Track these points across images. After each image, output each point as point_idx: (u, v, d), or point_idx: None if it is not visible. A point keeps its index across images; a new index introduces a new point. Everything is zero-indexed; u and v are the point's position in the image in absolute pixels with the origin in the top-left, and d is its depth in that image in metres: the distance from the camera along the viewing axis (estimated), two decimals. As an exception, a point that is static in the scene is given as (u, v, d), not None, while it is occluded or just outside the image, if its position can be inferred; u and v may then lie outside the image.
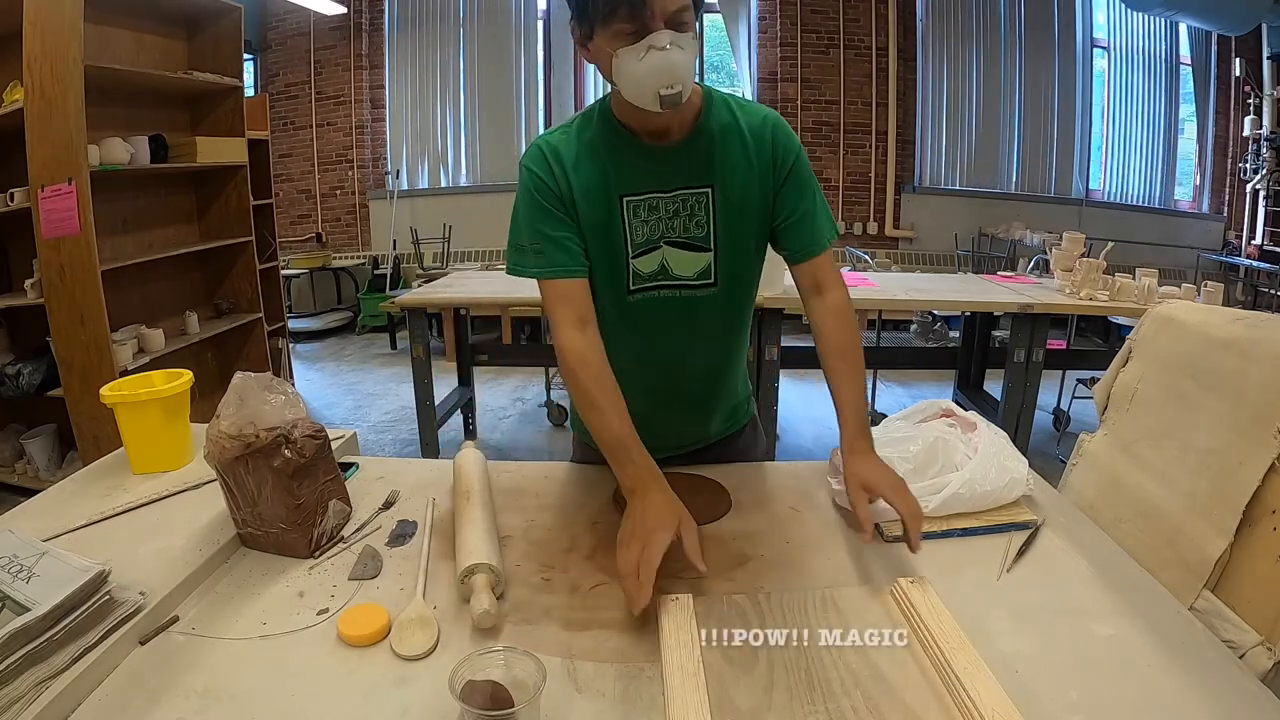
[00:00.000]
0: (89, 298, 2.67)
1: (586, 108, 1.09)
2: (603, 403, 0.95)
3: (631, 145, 1.03)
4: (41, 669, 0.68)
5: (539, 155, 1.03)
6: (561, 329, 1.00)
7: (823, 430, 3.73)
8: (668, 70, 0.89)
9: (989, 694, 0.66)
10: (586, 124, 1.05)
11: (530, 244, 1.03)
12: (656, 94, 0.91)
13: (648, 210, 1.04)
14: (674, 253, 1.07)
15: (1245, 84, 6.04)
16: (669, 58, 0.89)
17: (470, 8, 6.41)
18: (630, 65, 0.90)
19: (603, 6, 0.88)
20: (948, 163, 6.48)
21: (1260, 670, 0.79)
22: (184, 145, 3.22)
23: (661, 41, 0.88)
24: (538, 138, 1.06)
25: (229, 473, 0.92)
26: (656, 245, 1.06)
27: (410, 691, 0.71)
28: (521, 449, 3.69)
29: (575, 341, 0.99)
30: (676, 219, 1.05)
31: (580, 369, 0.97)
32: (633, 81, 0.91)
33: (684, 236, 1.06)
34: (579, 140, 1.04)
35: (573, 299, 1.02)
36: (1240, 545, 0.90)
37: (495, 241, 6.43)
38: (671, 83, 0.90)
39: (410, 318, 3.05)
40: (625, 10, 0.87)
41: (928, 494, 1.02)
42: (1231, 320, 1.04)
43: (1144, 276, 2.95)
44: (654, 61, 0.89)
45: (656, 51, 0.88)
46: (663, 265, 1.07)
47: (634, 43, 0.89)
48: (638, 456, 0.92)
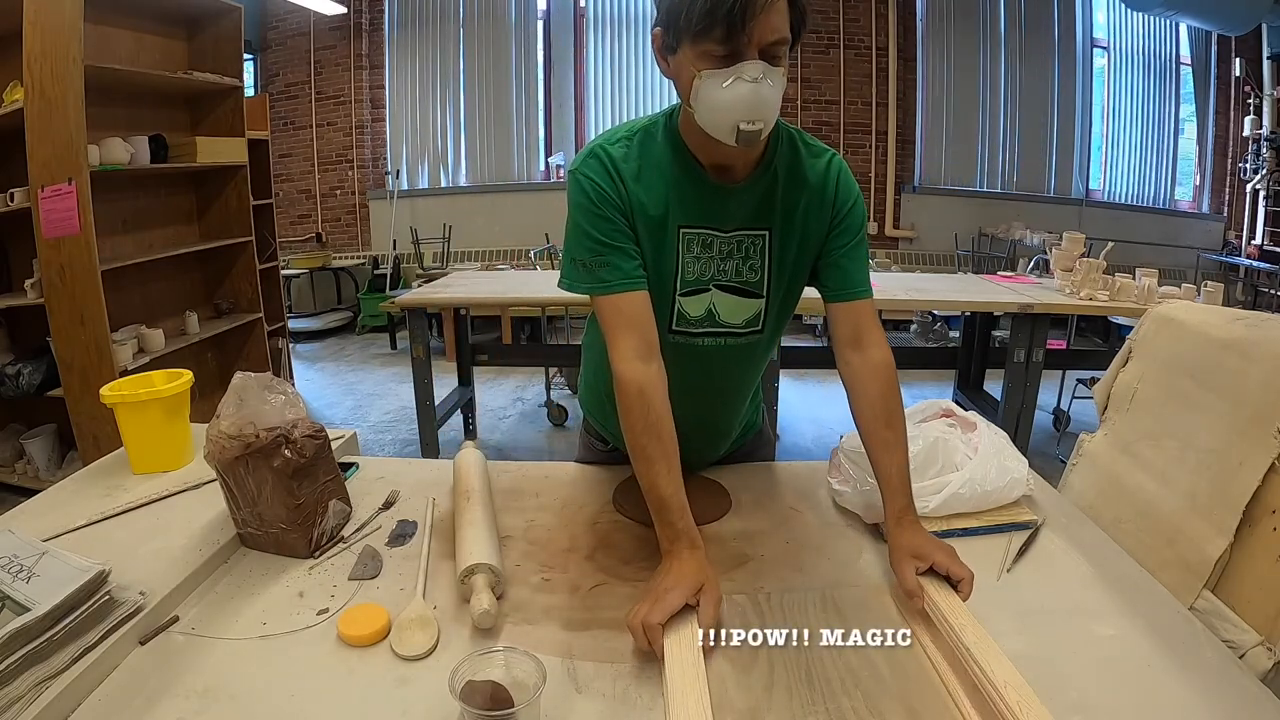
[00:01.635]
0: (89, 298, 2.67)
1: (647, 120, 1.00)
2: (654, 454, 0.88)
3: (694, 175, 0.96)
4: (41, 669, 0.68)
5: (598, 164, 0.95)
6: (624, 357, 0.91)
7: (823, 430, 3.73)
8: (754, 105, 0.83)
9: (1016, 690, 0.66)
10: (649, 140, 0.97)
11: (591, 258, 0.94)
12: (736, 127, 0.84)
13: (701, 246, 0.98)
14: (723, 298, 1.02)
15: (1245, 84, 6.04)
16: (757, 91, 0.82)
17: (470, 8, 6.41)
18: (713, 91, 0.84)
19: (696, 22, 0.81)
20: (948, 163, 6.48)
21: (1260, 670, 0.79)
22: (184, 145, 3.22)
23: (752, 73, 0.82)
24: (594, 145, 0.97)
25: (229, 473, 0.92)
26: (705, 288, 1.01)
27: (410, 691, 0.71)
28: (521, 449, 3.69)
29: (637, 372, 0.90)
30: (729, 260, 1.00)
31: (638, 407, 0.89)
32: (713, 109, 0.85)
33: (735, 280, 1.01)
34: (641, 156, 0.96)
35: (637, 320, 0.93)
36: (1240, 545, 0.90)
37: (495, 241, 6.45)
38: (754, 118, 0.84)
39: (410, 318, 3.05)
40: (721, 31, 0.80)
41: (928, 494, 1.02)
42: (1231, 320, 1.04)
43: (1144, 276, 2.95)
44: (740, 92, 0.82)
45: (745, 82, 0.82)
46: (710, 310, 1.02)
47: (722, 67, 0.83)
48: (678, 520, 0.86)
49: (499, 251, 6.43)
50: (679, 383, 0.96)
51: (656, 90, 6.33)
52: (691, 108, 0.88)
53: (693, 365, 1.05)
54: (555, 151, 6.54)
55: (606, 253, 0.94)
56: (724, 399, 1.14)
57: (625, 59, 6.41)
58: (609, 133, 0.99)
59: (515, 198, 6.52)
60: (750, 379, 1.15)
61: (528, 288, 3.33)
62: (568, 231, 0.98)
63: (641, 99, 6.41)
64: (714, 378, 1.08)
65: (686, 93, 0.88)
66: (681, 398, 0.97)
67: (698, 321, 1.02)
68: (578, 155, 0.98)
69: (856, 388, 0.99)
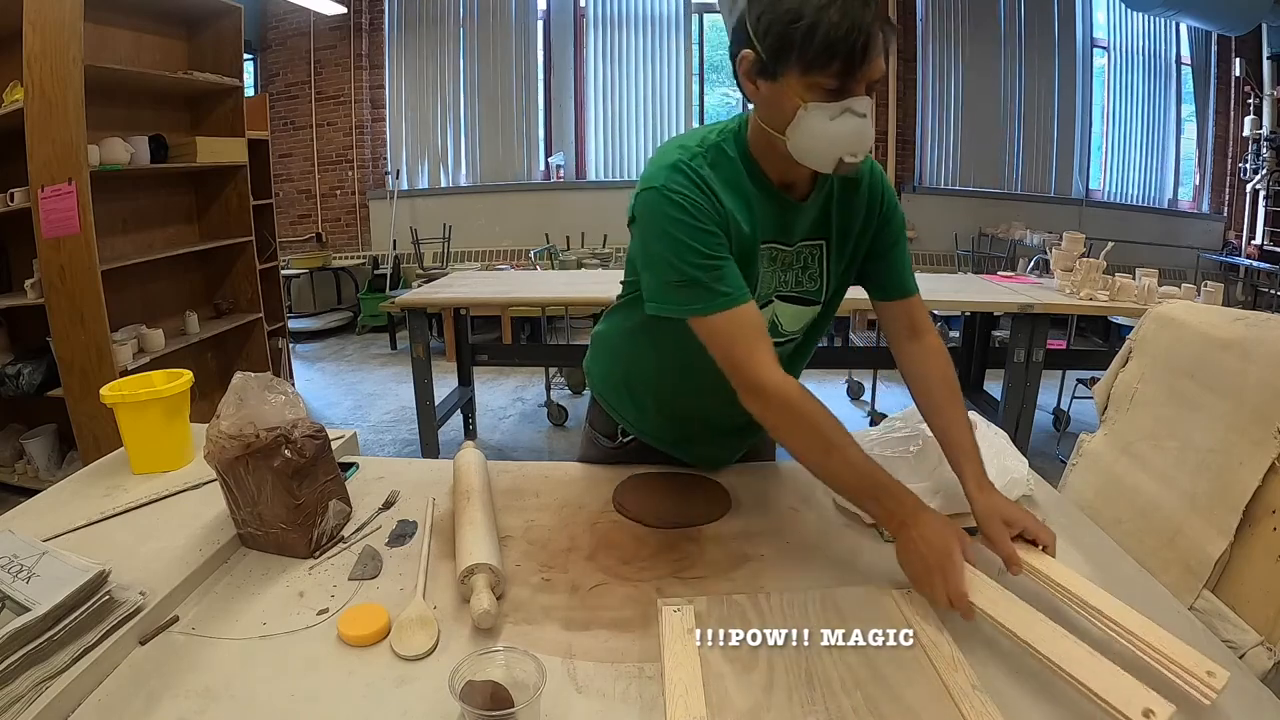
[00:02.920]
0: (89, 298, 2.67)
1: (711, 134, 0.97)
2: (841, 440, 0.86)
3: (769, 192, 0.97)
4: (41, 669, 0.68)
5: (686, 179, 0.91)
6: (764, 365, 0.88)
7: (823, 430, 3.72)
8: (861, 139, 0.85)
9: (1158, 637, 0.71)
10: (721, 158, 0.95)
11: (703, 274, 0.89)
12: (839, 159, 0.85)
13: (768, 260, 0.99)
14: (784, 308, 1.03)
15: (1245, 84, 6.04)
16: (864, 126, 0.84)
17: (470, 8, 6.41)
18: (820, 123, 0.84)
19: (814, 53, 0.80)
20: (948, 163, 6.48)
21: (1260, 670, 0.79)
22: (184, 145, 3.22)
23: (862, 108, 0.83)
24: (672, 159, 0.92)
25: (229, 473, 0.92)
26: (769, 300, 1.02)
27: (410, 691, 0.71)
28: (521, 449, 3.69)
29: (787, 380, 0.88)
30: (789, 271, 1.01)
31: (810, 406, 0.87)
32: (817, 139, 0.85)
33: (796, 290, 1.03)
34: (718, 172, 0.94)
35: (760, 328, 0.91)
36: (1240, 545, 0.90)
37: (495, 241, 6.45)
38: (859, 151, 0.86)
39: (410, 318, 3.05)
40: (839, 65, 0.80)
41: (928, 494, 1.02)
42: (1231, 320, 1.04)
43: (1144, 276, 2.95)
44: (850, 126, 0.83)
45: (854, 117, 0.83)
46: (774, 322, 1.03)
47: (830, 100, 0.83)
48: (894, 488, 0.85)
49: (499, 251, 6.43)
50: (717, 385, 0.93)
51: (657, 90, 6.34)
52: (783, 135, 0.88)
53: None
54: (555, 151, 6.54)
55: (720, 265, 0.90)
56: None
57: (625, 59, 6.41)
58: (679, 146, 0.95)
59: (515, 198, 6.52)
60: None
61: (528, 288, 3.33)
62: (658, 251, 0.92)
63: (641, 99, 6.41)
64: None
65: (784, 120, 0.87)
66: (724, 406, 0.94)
67: None
68: (654, 172, 0.92)
69: (920, 370, 1.03)
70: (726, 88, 6.83)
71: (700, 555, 0.96)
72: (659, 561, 0.95)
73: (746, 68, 0.88)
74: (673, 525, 1.03)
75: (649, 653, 0.76)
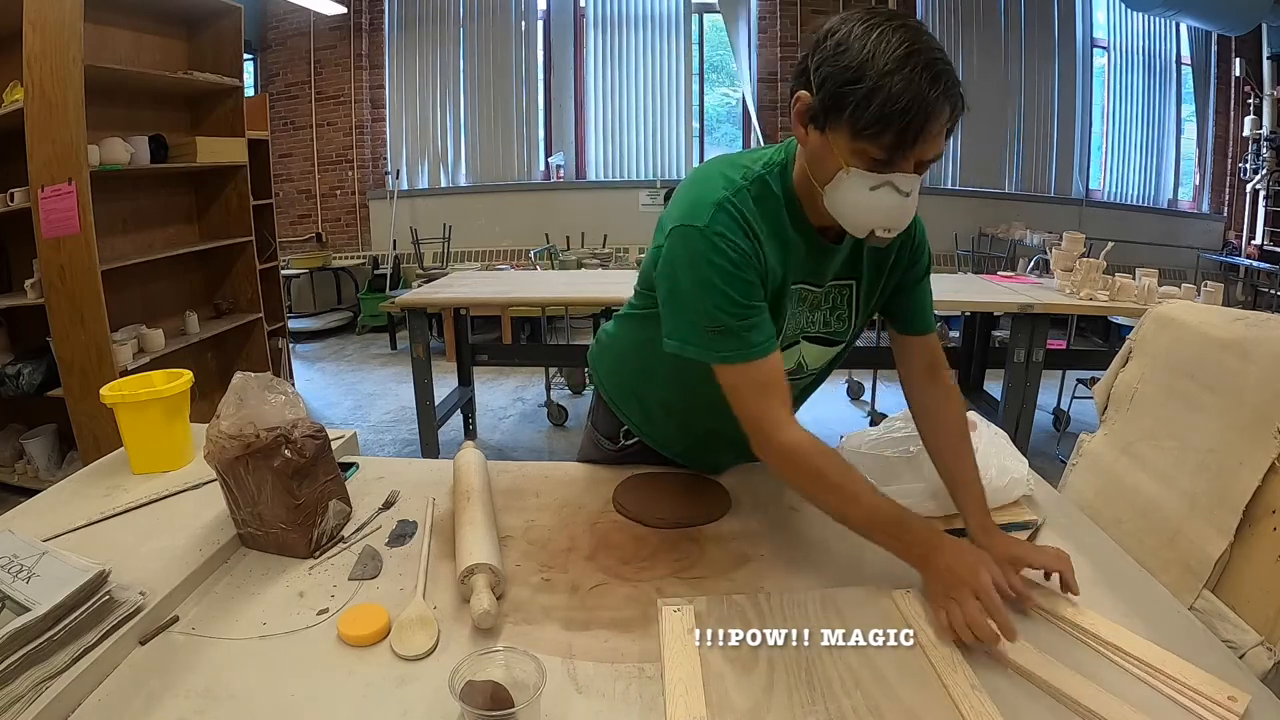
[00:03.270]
0: (89, 298, 2.67)
1: (756, 163, 0.94)
2: (858, 489, 0.85)
3: (807, 235, 0.94)
4: (41, 669, 0.68)
5: (732, 222, 0.87)
6: (785, 424, 0.88)
7: (823, 430, 3.66)
8: (899, 217, 0.83)
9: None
10: (765, 193, 0.92)
11: (735, 322, 0.87)
12: (870, 229, 0.83)
13: (798, 300, 0.98)
14: (810, 349, 1.03)
15: (1245, 84, 6.04)
16: (905, 205, 0.81)
17: (470, 8, 6.41)
18: (859, 192, 0.81)
19: (866, 121, 0.76)
20: (948, 163, 6.48)
21: (1260, 670, 0.79)
22: (184, 145, 3.21)
23: (907, 186, 0.80)
24: (718, 196, 0.88)
25: (229, 473, 0.92)
26: (795, 341, 1.01)
27: (410, 691, 0.71)
28: (521, 449, 3.68)
29: (804, 437, 0.88)
30: (818, 312, 1.01)
31: (823, 461, 0.87)
32: (852, 206, 0.83)
33: (823, 331, 1.02)
34: (760, 210, 0.91)
35: (781, 382, 0.90)
36: (1240, 545, 0.90)
37: (495, 241, 6.45)
38: (893, 227, 0.83)
39: (410, 318, 3.05)
40: (891, 139, 0.76)
41: (928, 494, 1.02)
42: (1231, 320, 1.04)
43: (1144, 276, 2.95)
44: (889, 201, 0.81)
45: (895, 193, 0.80)
46: (800, 363, 1.03)
47: (876, 170, 0.80)
48: (915, 523, 0.85)
49: (499, 251, 6.43)
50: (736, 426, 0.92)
51: (656, 90, 6.34)
52: (822, 190, 0.86)
53: None
54: (555, 151, 6.54)
55: (751, 315, 0.88)
56: None
57: (625, 59, 6.41)
58: (723, 175, 0.92)
59: (515, 198, 6.52)
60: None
61: (528, 288, 3.33)
62: (691, 293, 0.89)
63: (641, 99, 6.41)
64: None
65: (825, 176, 0.85)
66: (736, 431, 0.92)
67: (788, 374, 0.97)
68: (697, 207, 0.89)
69: (936, 410, 1.03)
70: (726, 88, 6.84)
71: (700, 555, 0.96)
72: (659, 561, 0.95)
73: (800, 109, 0.85)
74: (673, 525, 1.03)
75: (649, 653, 0.76)
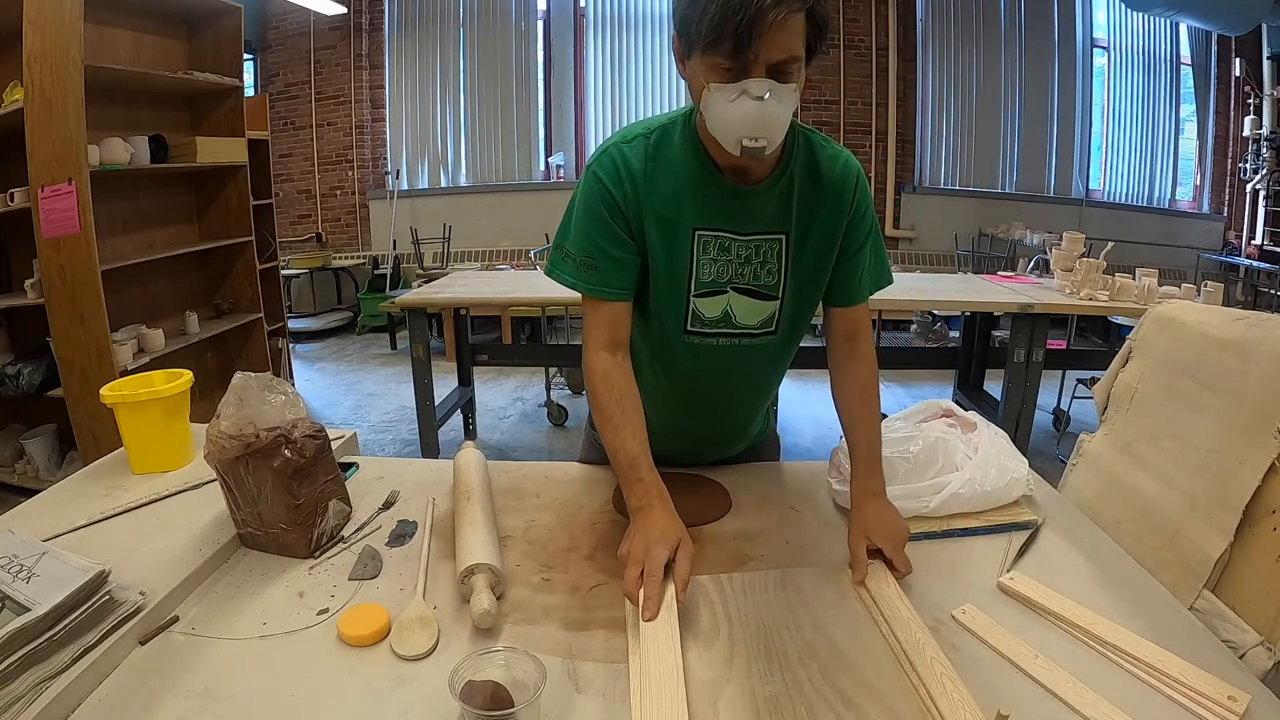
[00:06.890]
0: (89, 298, 2.67)
1: (667, 117, 1.00)
2: (620, 422, 0.94)
3: (711, 177, 0.96)
4: (41, 669, 0.68)
5: (611, 165, 0.96)
6: (594, 350, 0.98)
7: (823, 430, 3.72)
8: (759, 122, 0.83)
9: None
10: (666, 139, 0.97)
11: (582, 256, 0.98)
12: (739, 141, 0.85)
13: (718, 249, 0.99)
14: (740, 300, 1.02)
15: (1245, 84, 6.04)
16: (763, 109, 0.82)
17: (470, 8, 6.41)
18: (719, 105, 0.84)
19: (705, 35, 0.80)
20: (948, 163, 6.48)
21: (1260, 670, 0.79)
22: (184, 145, 3.22)
23: (758, 90, 0.81)
24: (610, 143, 0.98)
25: (229, 473, 0.92)
26: (723, 290, 1.01)
27: (410, 691, 0.71)
28: (521, 449, 3.69)
29: (605, 362, 0.97)
30: (747, 265, 1.00)
31: (603, 388, 0.96)
32: (718, 122, 0.86)
33: (753, 284, 1.02)
34: (657, 156, 0.97)
35: (614, 322, 0.99)
36: (1240, 545, 0.90)
37: (495, 241, 6.45)
38: (758, 135, 0.84)
39: (410, 318, 3.05)
40: (728, 46, 0.79)
41: (928, 494, 1.03)
42: (1231, 320, 1.04)
43: (1144, 276, 2.95)
44: (745, 109, 0.82)
45: (750, 99, 0.81)
46: (727, 313, 1.03)
47: (730, 80, 0.82)
48: (646, 475, 0.91)
49: (499, 251, 6.43)
50: (694, 382, 0.99)
51: (656, 90, 6.33)
52: (704, 116, 0.89)
53: (709, 365, 1.06)
54: (555, 151, 6.54)
55: (599, 259, 0.97)
56: (739, 399, 1.15)
57: (625, 59, 6.40)
58: (628, 129, 1.00)
59: (515, 198, 6.52)
60: (766, 380, 1.16)
61: (528, 288, 3.33)
62: (568, 217, 1.00)
63: (641, 99, 6.40)
64: (730, 378, 1.10)
65: (699, 100, 0.88)
66: (695, 400, 1.00)
67: (713, 323, 1.03)
68: (598, 150, 0.99)
69: (843, 371, 1.07)
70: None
71: (700, 555, 0.96)
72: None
73: (675, 50, 0.90)
74: (673, 525, 1.03)
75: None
